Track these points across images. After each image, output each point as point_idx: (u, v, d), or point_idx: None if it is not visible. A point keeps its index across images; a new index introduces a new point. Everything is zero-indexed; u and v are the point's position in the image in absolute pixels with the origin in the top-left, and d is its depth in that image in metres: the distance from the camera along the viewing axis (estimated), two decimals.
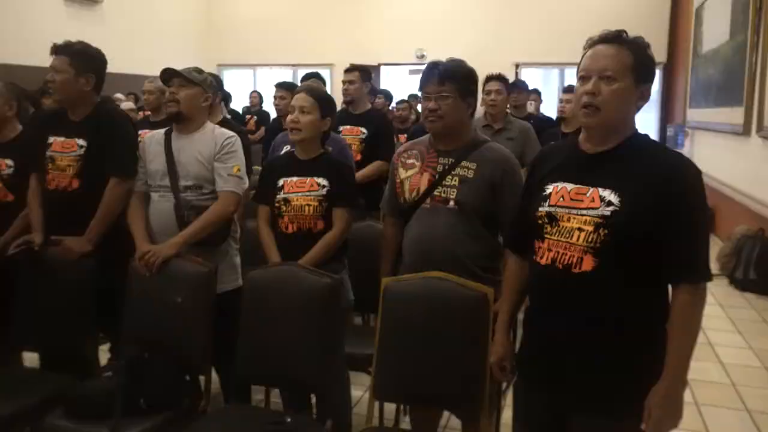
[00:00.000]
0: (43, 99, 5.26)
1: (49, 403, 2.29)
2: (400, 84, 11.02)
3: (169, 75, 2.65)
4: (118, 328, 2.51)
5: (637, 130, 1.69)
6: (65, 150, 2.71)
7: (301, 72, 12.00)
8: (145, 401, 2.18)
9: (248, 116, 8.95)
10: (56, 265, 2.59)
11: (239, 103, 9.63)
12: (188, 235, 2.51)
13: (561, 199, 1.67)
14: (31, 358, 2.99)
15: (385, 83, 11.24)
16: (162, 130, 2.75)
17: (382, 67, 11.85)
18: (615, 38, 1.64)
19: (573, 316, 1.63)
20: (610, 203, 1.58)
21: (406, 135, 5.28)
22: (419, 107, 4.50)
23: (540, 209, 1.70)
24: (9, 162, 2.93)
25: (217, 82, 3.58)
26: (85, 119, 2.74)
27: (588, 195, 1.62)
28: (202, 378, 2.47)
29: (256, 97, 9.63)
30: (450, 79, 2.21)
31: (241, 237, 2.86)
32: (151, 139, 2.73)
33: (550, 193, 1.70)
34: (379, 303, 2.34)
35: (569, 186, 1.67)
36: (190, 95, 2.62)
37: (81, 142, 2.70)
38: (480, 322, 2.07)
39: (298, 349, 2.27)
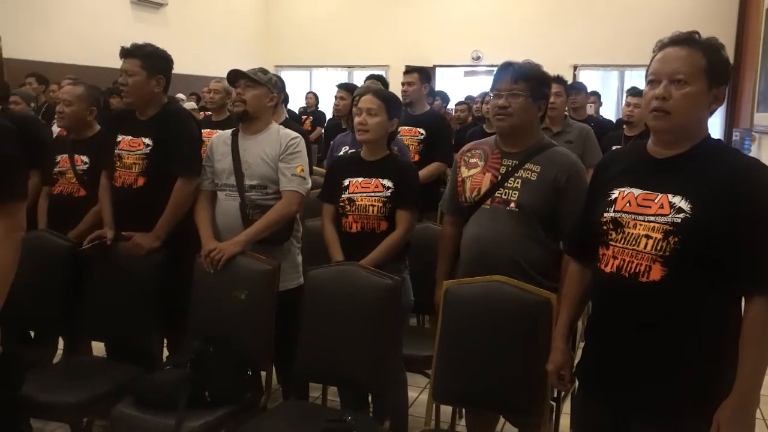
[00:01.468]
0: (112, 99, 5.48)
1: (118, 392, 2.38)
2: (455, 86, 10.99)
3: (235, 76, 2.70)
4: (183, 322, 2.59)
5: (709, 134, 1.65)
6: (132, 148, 2.80)
7: (357, 73, 12.21)
8: (210, 395, 2.24)
9: (304, 117, 9.07)
10: (126, 259, 2.68)
11: (295, 103, 9.78)
12: (252, 233, 2.56)
13: (627, 204, 1.63)
14: (96, 347, 3.10)
15: (440, 85, 11.21)
16: (229, 131, 2.81)
17: (437, 69, 11.83)
18: (686, 40, 1.59)
19: (640, 327, 1.60)
20: (680, 210, 1.54)
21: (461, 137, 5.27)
22: (486, 107, 4.49)
23: (605, 215, 1.67)
24: (84, 158, 3.06)
25: (281, 83, 3.64)
26: (152, 119, 2.82)
27: (656, 201, 1.58)
28: (260, 374, 2.52)
29: (312, 98, 9.75)
30: (523, 78, 2.20)
31: (302, 236, 2.90)
32: (219, 138, 2.80)
33: (616, 198, 1.66)
34: (434, 304, 2.35)
35: (636, 191, 1.63)
36: (256, 95, 2.67)
37: (147, 141, 2.78)
38: (542, 328, 2.05)
39: (358, 349, 2.29)
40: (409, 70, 4.05)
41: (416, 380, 3.01)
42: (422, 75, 4.03)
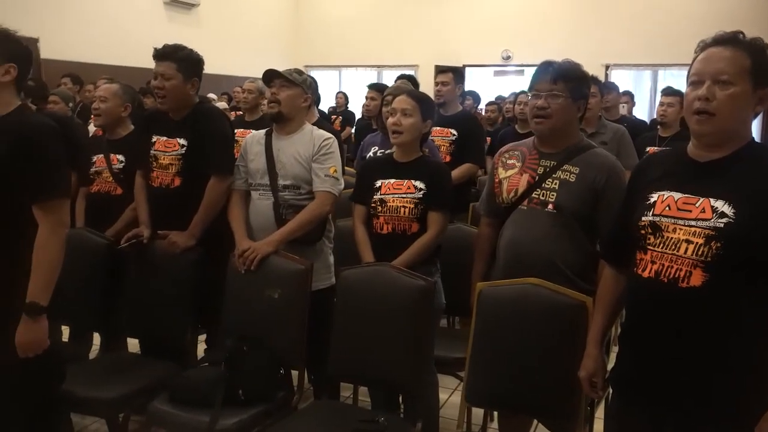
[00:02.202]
0: (146, 98, 5.56)
1: (154, 388, 2.42)
2: (485, 86, 10.92)
3: (270, 76, 2.72)
4: (217, 320, 2.62)
5: (753, 138, 1.61)
6: (167, 149, 2.83)
7: (386, 73, 12.22)
8: (244, 393, 2.27)
9: (334, 117, 9.10)
10: (161, 258, 2.72)
11: (324, 103, 9.82)
12: (286, 233, 2.58)
13: (667, 208, 1.60)
14: (130, 344, 3.16)
15: (469, 85, 11.15)
16: (263, 130, 2.83)
17: (466, 69, 11.76)
18: (731, 40, 1.56)
19: (678, 333, 1.57)
20: (723, 215, 1.50)
21: (491, 138, 5.24)
22: (518, 108, 4.46)
23: (643, 218, 1.64)
24: (120, 157, 3.11)
25: (315, 84, 3.67)
26: (185, 119, 2.84)
27: (697, 205, 1.55)
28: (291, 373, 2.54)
29: (342, 98, 9.78)
30: (563, 78, 2.17)
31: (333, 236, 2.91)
32: (253, 138, 2.82)
33: (655, 202, 1.63)
34: (465, 306, 2.34)
35: (676, 195, 1.60)
36: (290, 96, 2.68)
37: (182, 141, 2.81)
38: (577, 331, 2.02)
39: (390, 350, 2.29)
40: (443, 70, 4.04)
41: (446, 382, 3.00)
42: (456, 75, 4.02)
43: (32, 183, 1.95)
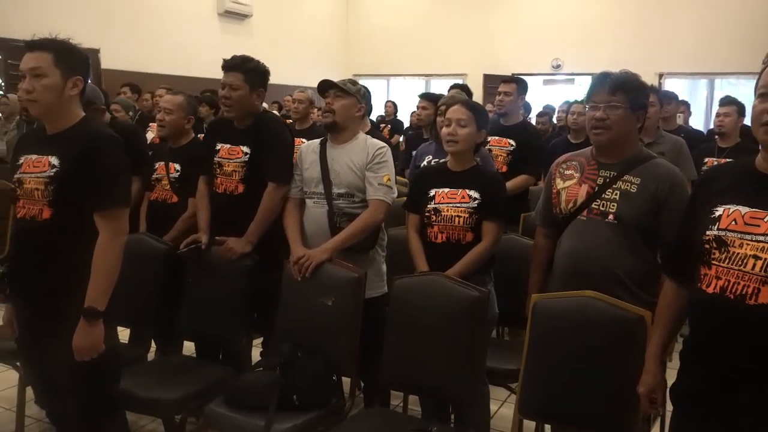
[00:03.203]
0: (201, 107, 5.71)
1: (210, 390, 2.47)
2: (534, 95, 10.79)
3: (325, 86, 2.76)
4: (272, 326, 2.66)
5: None
6: (231, 156, 2.90)
7: (435, 82, 12.23)
8: (298, 398, 2.29)
9: (382, 125, 9.16)
10: (218, 263, 2.78)
11: (373, 112, 9.89)
12: (340, 241, 2.61)
13: (733, 222, 1.56)
14: (185, 347, 3.23)
15: None
16: (317, 140, 2.88)
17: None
18: None
19: (747, 352, 1.52)
20: None
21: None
22: (571, 118, 4.42)
23: (707, 233, 1.60)
24: (176, 166, 3.20)
25: (368, 93, 3.71)
26: (249, 128, 2.90)
27: (766, 220, 1.50)
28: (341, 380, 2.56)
29: (391, 107, 9.84)
30: (621, 88, 2.15)
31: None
32: (308, 147, 2.86)
33: (720, 216, 1.59)
34: (516, 317, 2.32)
35: (743, 209, 1.56)
36: (345, 105, 2.72)
37: (245, 149, 2.87)
38: (635, 345, 1.98)
39: (443, 359, 2.29)
40: (507, 80, 4.04)
41: (495, 393, 2.98)
42: (520, 86, 4.01)
43: (95, 192, 2.02)
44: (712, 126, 5.78)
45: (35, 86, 2.00)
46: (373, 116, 9.56)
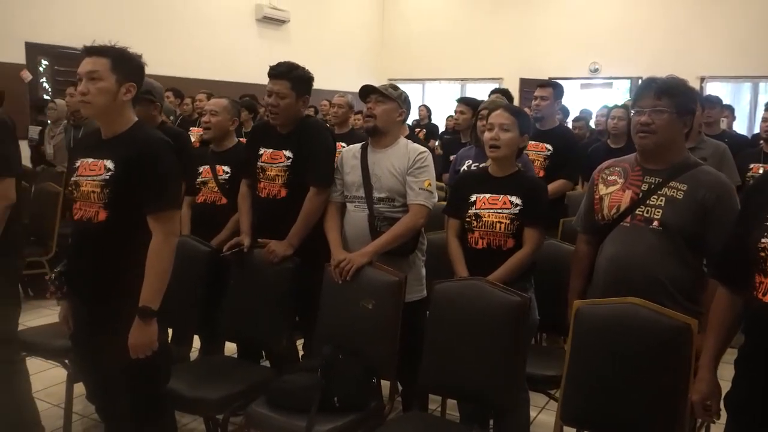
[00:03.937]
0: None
1: (252, 391, 2.51)
2: (571, 99, 10.68)
3: (366, 91, 2.79)
4: (313, 328, 2.69)
5: None
6: (274, 161, 2.93)
7: (470, 86, 12.20)
8: (339, 400, 2.31)
9: (417, 130, 9.17)
10: (261, 266, 2.82)
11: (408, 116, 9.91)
12: (380, 245, 2.62)
13: None
14: (227, 348, 3.28)
15: None
16: (358, 144, 2.90)
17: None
18: None
19: None
20: None
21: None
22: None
23: (762, 240, 1.57)
24: (226, 168, 3.26)
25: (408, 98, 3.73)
26: (292, 132, 2.93)
27: None
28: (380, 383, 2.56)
29: (425, 111, 9.84)
30: (667, 93, 2.13)
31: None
32: (349, 152, 2.89)
33: None
34: (556, 323, 2.29)
35: None
36: (386, 110, 2.74)
37: (288, 153, 2.91)
38: (680, 354, 1.96)
39: (484, 365, 2.29)
40: (543, 84, 4.03)
41: (534, 399, 2.96)
42: (557, 90, 4.00)
43: (148, 195, 2.08)
44: (756, 130, 5.65)
45: (90, 89, 2.07)
46: (408, 120, 9.58)
